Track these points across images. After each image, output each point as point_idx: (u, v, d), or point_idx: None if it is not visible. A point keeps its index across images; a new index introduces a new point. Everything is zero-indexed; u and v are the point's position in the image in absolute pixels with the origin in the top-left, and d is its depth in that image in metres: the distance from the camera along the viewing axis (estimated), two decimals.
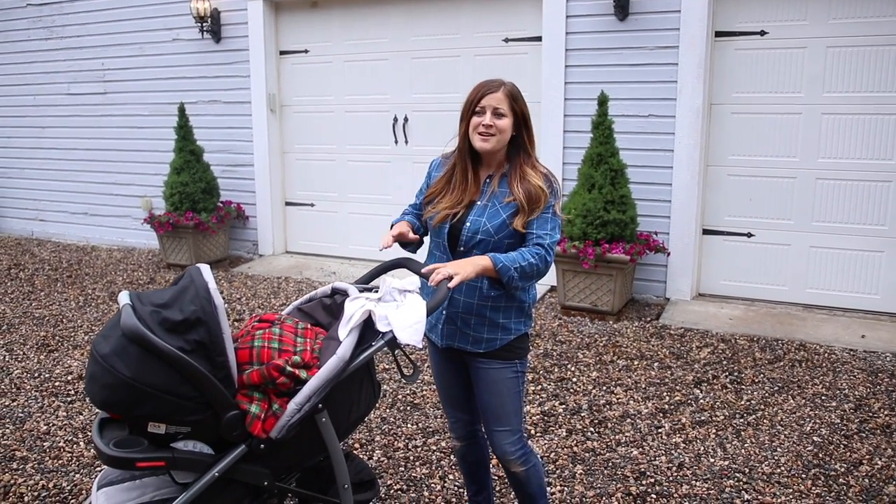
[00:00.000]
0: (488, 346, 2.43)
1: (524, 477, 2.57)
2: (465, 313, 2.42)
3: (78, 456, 3.50)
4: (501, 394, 2.46)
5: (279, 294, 6.17)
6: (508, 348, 2.45)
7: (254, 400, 1.97)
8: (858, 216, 5.34)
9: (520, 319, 2.47)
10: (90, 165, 8.31)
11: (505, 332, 2.44)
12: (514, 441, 2.51)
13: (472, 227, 2.38)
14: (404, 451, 3.53)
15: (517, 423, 2.50)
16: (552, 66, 5.88)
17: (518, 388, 2.49)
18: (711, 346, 4.86)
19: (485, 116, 2.35)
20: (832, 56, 5.23)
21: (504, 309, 2.42)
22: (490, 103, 2.35)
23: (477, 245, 2.37)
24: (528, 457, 2.55)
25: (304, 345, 2.10)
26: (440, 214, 2.44)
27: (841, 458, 3.44)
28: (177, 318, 1.89)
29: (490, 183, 2.44)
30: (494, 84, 2.39)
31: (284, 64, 7.20)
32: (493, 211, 2.38)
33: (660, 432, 3.71)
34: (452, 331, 2.46)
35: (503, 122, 2.37)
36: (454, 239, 2.42)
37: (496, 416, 2.49)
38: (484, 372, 2.45)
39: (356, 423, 2.22)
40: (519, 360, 2.48)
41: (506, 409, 2.47)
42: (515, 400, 2.48)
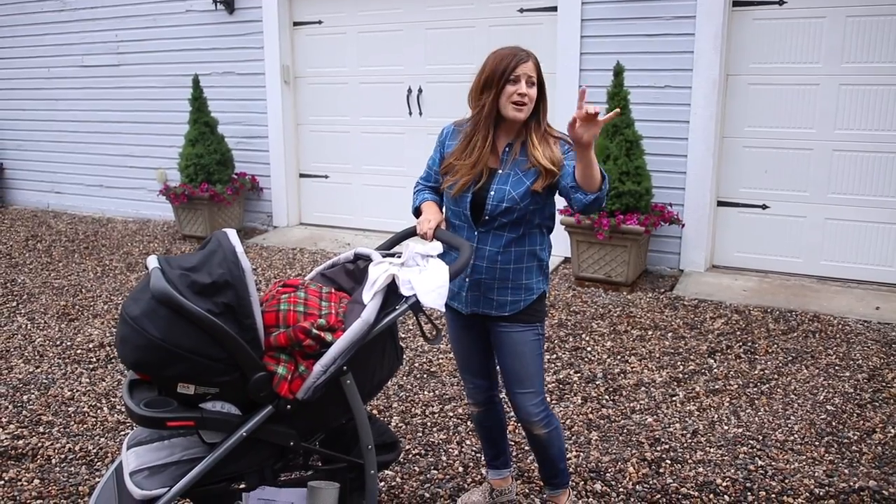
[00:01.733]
0: (513, 307, 2.47)
1: (546, 439, 2.61)
2: (489, 278, 2.45)
3: (102, 420, 3.58)
4: (524, 356, 2.50)
5: (294, 265, 6.21)
6: (530, 310, 2.49)
7: (280, 362, 2.01)
8: (875, 188, 5.32)
9: (540, 278, 2.52)
10: (105, 138, 8.34)
11: (528, 293, 2.48)
12: (538, 403, 2.55)
13: (496, 195, 2.40)
14: (421, 417, 3.59)
15: (539, 385, 2.54)
16: (567, 36, 5.85)
17: (539, 351, 2.53)
18: (725, 316, 4.88)
19: (520, 85, 2.35)
20: (852, 26, 5.17)
21: (526, 269, 2.46)
22: (525, 72, 2.36)
23: (503, 213, 2.40)
24: (551, 419, 2.59)
25: (328, 308, 2.13)
26: (459, 183, 2.45)
27: (854, 427, 3.47)
28: (205, 281, 1.93)
29: (510, 151, 2.45)
30: (524, 53, 2.39)
31: (298, 35, 7.18)
32: (517, 179, 2.40)
33: (674, 400, 3.75)
34: (476, 297, 2.49)
35: (533, 92, 2.38)
36: (478, 208, 2.44)
37: (518, 379, 2.53)
38: (507, 336, 2.49)
39: (380, 385, 2.26)
40: (539, 322, 2.52)
41: (528, 371, 2.51)
42: (537, 362, 2.53)
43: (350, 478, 2.30)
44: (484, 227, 2.44)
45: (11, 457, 3.27)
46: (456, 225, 2.53)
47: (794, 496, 2.92)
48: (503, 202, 2.39)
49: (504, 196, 2.39)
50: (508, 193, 2.38)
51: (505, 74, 2.36)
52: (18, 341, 4.62)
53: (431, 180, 2.68)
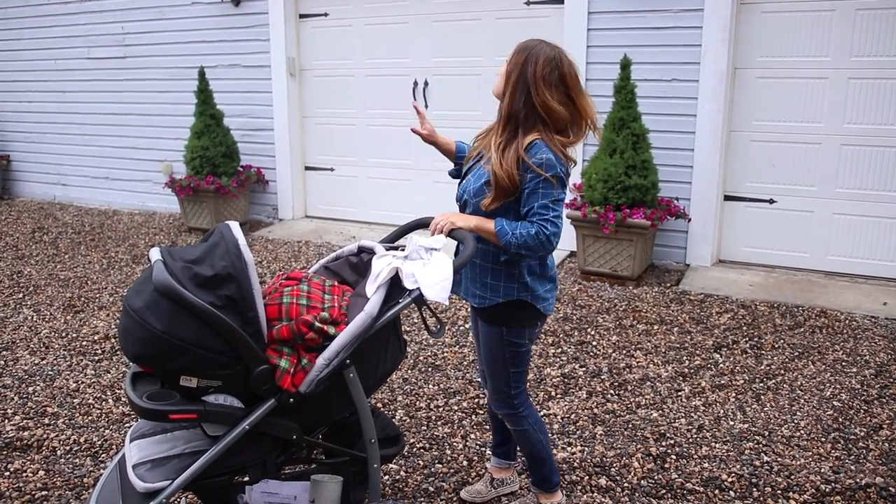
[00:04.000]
0: (480, 302, 2.45)
1: (516, 436, 2.63)
2: (470, 268, 2.46)
3: (107, 412, 3.58)
4: (488, 356, 2.50)
5: (300, 257, 6.21)
6: (497, 313, 2.42)
7: (283, 355, 2.00)
8: (883, 183, 5.27)
9: (511, 285, 2.40)
10: (110, 130, 8.35)
11: (494, 293, 2.42)
12: (498, 399, 2.56)
13: (464, 185, 2.43)
14: (426, 410, 3.58)
15: (504, 385, 2.51)
16: (574, 29, 5.81)
17: (504, 357, 2.46)
18: (731, 311, 4.85)
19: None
20: (861, 19, 5.13)
21: (492, 270, 2.41)
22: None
23: (465, 206, 2.41)
24: (518, 420, 2.57)
25: (331, 301, 2.13)
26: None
27: (861, 423, 3.45)
28: (208, 274, 1.92)
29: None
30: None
31: (304, 27, 7.16)
32: (479, 174, 2.40)
33: (679, 395, 3.73)
34: (461, 281, 2.51)
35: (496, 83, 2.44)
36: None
37: (486, 374, 2.57)
38: (480, 329, 2.51)
39: (383, 379, 2.25)
40: (507, 328, 2.43)
41: (493, 371, 2.51)
42: (500, 367, 2.48)
43: (353, 471, 2.29)
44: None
45: (17, 448, 3.28)
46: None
47: (801, 492, 2.90)
48: (464, 195, 2.42)
49: (467, 187, 2.41)
50: (469, 186, 2.40)
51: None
52: (24, 333, 4.63)
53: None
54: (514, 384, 2.51)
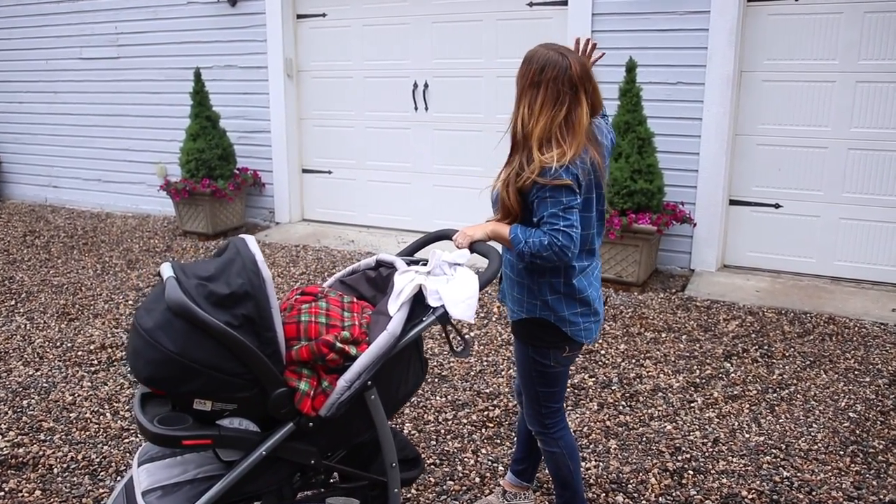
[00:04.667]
0: (510, 315, 2.43)
1: (546, 456, 2.56)
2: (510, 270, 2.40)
3: (105, 427, 3.47)
4: (519, 368, 2.46)
5: (298, 263, 6.11)
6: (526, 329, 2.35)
7: (303, 377, 1.91)
8: (891, 188, 5.22)
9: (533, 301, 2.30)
10: (104, 131, 8.21)
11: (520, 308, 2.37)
12: (531, 416, 2.50)
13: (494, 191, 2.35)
14: (434, 424, 3.49)
15: (534, 403, 2.46)
16: (578, 31, 5.73)
17: (532, 374, 2.40)
18: (739, 318, 4.79)
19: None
20: (869, 22, 5.07)
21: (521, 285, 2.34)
22: None
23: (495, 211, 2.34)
24: (548, 441, 2.50)
25: (351, 319, 2.03)
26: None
27: (878, 435, 3.39)
28: (223, 292, 1.82)
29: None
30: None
31: (302, 28, 7.05)
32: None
33: (692, 407, 3.66)
34: (501, 288, 2.48)
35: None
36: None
37: (521, 391, 2.52)
38: (515, 340, 2.45)
39: (404, 400, 2.16)
40: (533, 347, 2.35)
41: (524, 385, 2.48)
42: (529, 384, 2.43)
43: (372, 495, 2.20)
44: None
45: (12, 466, 3.16)
46: None
47: None
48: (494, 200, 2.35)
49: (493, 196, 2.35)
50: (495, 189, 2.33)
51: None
52: (17, 342, 4.51)
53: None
54: (545, 403, 2.44)
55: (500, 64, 6.23)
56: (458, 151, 6.48)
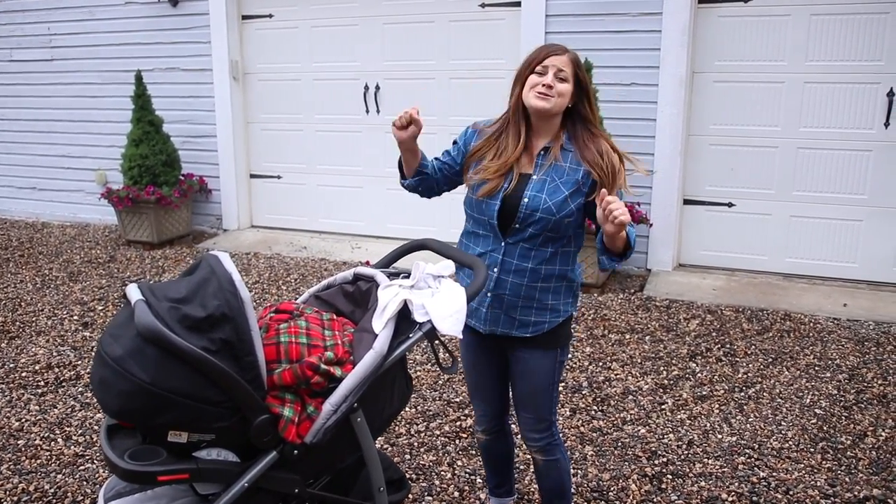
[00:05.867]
0: (536, 329, 2.28)
1: (543, 468, 2.46)
2: (513, 296, 2.26)
3: (57, 454, 3.27)
4: (537, 384, 2.34)
5: (250, 271, 5.92)
6: (555, 334, 2.31)
7: (286, 402, 1.79)
8: (839, 186, 5.34)
9: (568, 300, 2.33)
10: (38, 137, 7.85)
11: (554, 314, 2.29)
12: (541, 429, 2.39)
13: (531, 203, 2.19)
14: (407, 437, 3.39)
15: (547, 412, 2.38)
16: (531, 32, 5.70)
17: (556, 379, 2.36)
18: (699, 317, 4.82)
19: (546, 76, 2.17)
20: (816, 24, 5.17)
21: (554, 289, 2.28)
22: (555, 64, 2.18)
23: (535, 224, 2.20)
24: (553, 449, 2.43)
25: (333, 338, 1.92)
26: (489, 185, 2.23)
27: (845, 431, 3.43)
28: (199, 315, 1.70)
29: (547, 155, 2.25)
30: (560, 47, 2.22)
31: (247, 29, 6.86)
32: (553, 187, 2.19)
33: (663, 409, 3.65)
34: (497, 315, 2.29)
35: (564, 87, 2.18)
36: (506, 217, 2.23)
37: (525, 404, 2.38)
38: (524, 361, 2.32)
39: (389, 420, 2.06)
40: (561, 347, 2.35)
41: (538, 399, 2.36)
42: (551, 390, 2.37)
43: None
44: (512, 238, 2.24)
45: None
46: (479, 234, 2.31)
47: None
48: (537, 211, 2.18)
49: (539, 205, 2.18)
50: (544, 202, 2.18)
51: (531, 66, 2.20)
52: None
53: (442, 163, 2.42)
54: (556, 405, 2.40)
55: (452, 65, 6.17)
56: None
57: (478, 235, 2.32)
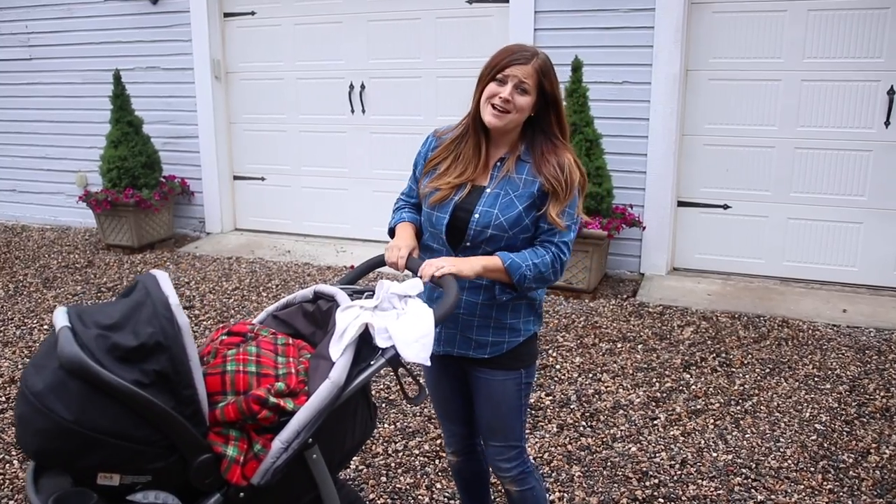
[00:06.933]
0: (494, 350, 2.11)
1: (518, 499, 2.28)
2: (468, 314, 2.09)
3: (11, 478, 3.08)
4: (501, 407, 2.16)
5: (231, 276, 5.73)
6: (515, 354, 2.14)
7: (230, 440, 1.61)
8: (837, 187, 5.18)
9: (529, 318, 2.16)
10: (17, 138, 7.64)
11: (513, 334, 2.12)
12: (512, 457, 2.22)
13: (481, 219, 2.02)
14: (384, 456, 3.21)
15: (515, 437, 2.21)
16: (520, 29, 5.52)
17: (521, 402, 2.19)
18: (694, 324, 4.65)
19: (505, 88, 1.99)
20: (813, 20, 5.00)
21: (513, 307, 2.10)
22: (516, 73, 1.99)
23: (487, 241, 2.03)
24: (526, 477, 2.25)
25: (287, 366, 1.74)
26: (440, 193, 2.06)
27: (847, 448, 3.26)
28: (130, 345, 1.51)
29: (501, 166, 2.08)
30: (526, 54, 2.02)
31: (229, 27, 6.66)
32: (507, 201, 2.03)
33: (656, 424, 3.47)
34: (452, 335, 2.13)
35: (524, 101, 2.00)
36: (458, 232, 2.06)
37: (491, 430, 2.21)
38: (485, 383, 2.14)
39: (351, 453, 1.88)
40: (525, 368, 2.17)
41: (504, 423, 2.18)
42: (517, 414, 2.19)
43: None
44: (463, 254, 2.07)
45: None
46: (434, 249, 2.15)
47: None
48: (488, 228, 2.02)
49: (490, 221, 2.02)
50: (496, 218, 2.01)
51: (493, 71, 2.01)
52: None
53: (414, 196, 2.29)
54: (523, 431, 2.22)
55: (440, 64, 5.98)
56: (397, 156, 6.18)
57: (432, 249, 2.16)
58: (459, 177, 2.05)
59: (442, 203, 2.06)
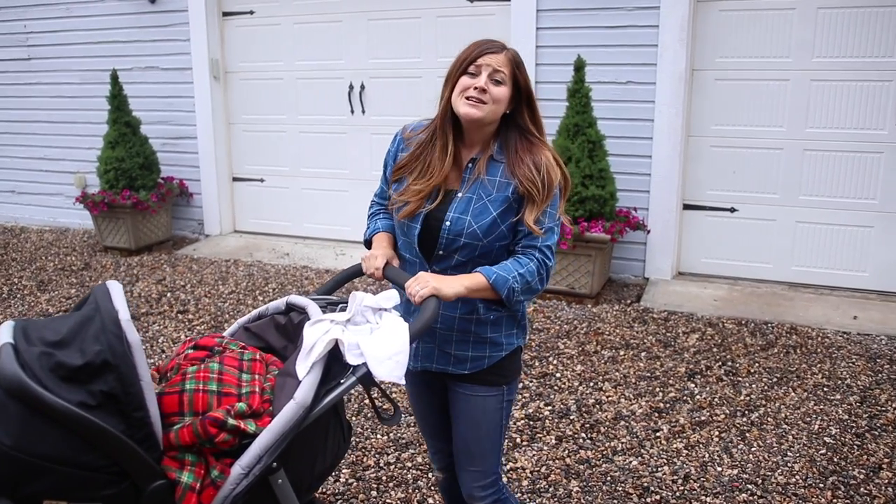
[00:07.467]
0: (475, 365, 1.99)
1: None
2: (446, 329, 1.97)
3: None
4: (480, 428, 2.03)
5: (227, 280, 5.63)
6: (497, 369, 2.01)
7: (185, 465, 1.49)
8: (847, 189, 5.03)
9: (512, 331, 2.03)
10: (16, 139, 7.57)
11: (495, 349, 1.99)
12: (485, 485, 2.09)
13: (453, 227, 1.89)
14: (375, 469, 3.09)
15: (492, 464, 2.08)
16: (522, 28, 5.40)
17: (501, 422, 2.06)
18: (699, 331, 4.52)
19: (479, 78, 1.87)
20: (822, 18, 4.85)
21: (493, 321, 1.97)
22: (489, 62, 1.87)
23: (460, 250, 1.90)
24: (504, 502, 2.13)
25: (251, 384, 1.62)
26: (410, 207, 1.94)
27: (857, 463, 3.12)
28: (75, 363, 1.40)
29: (473, 168, 1.95)
30: (497, 44, 1.92)
31: (228, 26, 6.57)
32: (480, 206, 1.90)
33: (658, 436, 3.34)
34: (430, 350, 2.00)
35: (500, 91, 1.88)
36: (430, 240, 1.93)
37: (469, 453, 2.07)
38: (464, 400, 2.01)
39: (322, 476, 1.77)
40: (507, 384, 2.04)
41: (482, 446, 2.05)
42: (495, 436, 2.06)
43: None
44: (438, 264, 1.94)
45: None
46: (407, 259, 2.03)
47: None
48: (461, 236, 1.89)
49: (462, 228, 1.89)
50: (468, 225, 1.88)
51: (463, 65, 1.90)
52: None
53: (386, 197, 2.17)
54: (501, 451, 2.09)
55: (440, 63, 5.85)
56: None
57: (407, 260, 2.03)
58: (428, 182, 1.92)
59: (412, 216, 1.94)
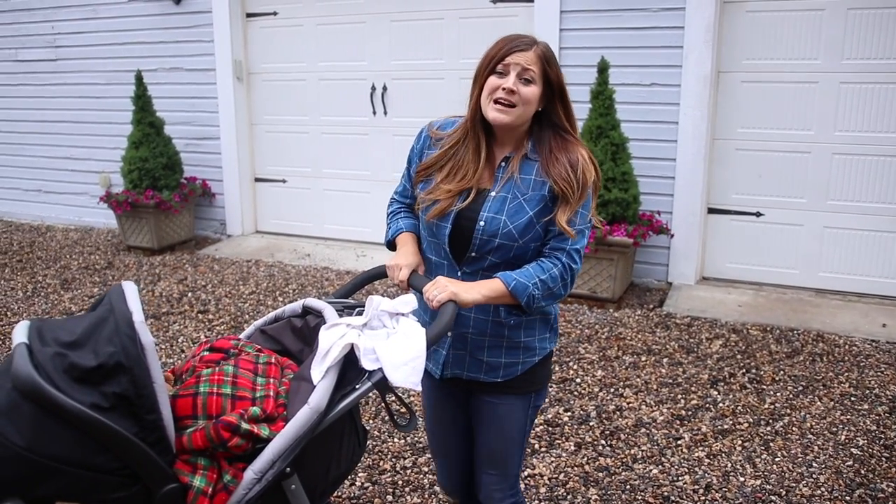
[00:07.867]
0: (507, 373, 1.94)
1: None
2: (478, 334, 1.92)
3: None
4: (505, 436, 1.99)
5: (248, 280, 5.65)
6: (530, 376, 1.97)
7: (198, 469, 1.48)
8: (878, 194, 4.92)
9: (545, 335, 1.99)
10: (43, 139, 7.66)
11: (528, 354, 1.95)
12: (504, 488, 2.06)
13: (488, 227, 1.84)
14: (391, 473, 3.07)
15: (513, 469, 2.05)
16: (545, 29, 5.35)
17: (526, 428, 2.03)
18: (723, 337, 4.45)
19: (507, 79, 1.80)
20: (853, 19, 4.76)
21: (526, 324, 1.93)
22: (518, 61, 1.81)
23: (494, 251, 1.84)
24: None
25: (266, 388, 1.61)
26: (440, 205, 1.88)
27: (885, 475, 3.05)
28: (89, 365, 1.39)
29: (507, 167, 1.90)
30: (525, 40, 1.84)
31: (251, 27, 6.59)
32: (516, 206, 1.84)
33: (679, 445, 3.28)
34: (460, 356, 1.95)
35: (530, 91, 1.81)
36: (461, 242, 1.88)
37: (490, 459, 2.04)
38: (492, 409, 1.97)
39: (337, 482, 1.74)
40: (536, 392, 2.00)
41: (506, 453, 2.01)
42: (520, 443, 2.03)
43: None
44: (469, 266, 1.89)
45: None
46: (433, 262, 1.97)
47: None
48: (496, 237, 1.83)
49: (498, 228, 1.83)
50: (503, 225, 1.82)
51: (491, 64, 1.83)
52: None
53: (408, 196, 2.12)
54: (522, 461, 2.06)
55: (462, 65, 5.84)
56: None
57: (433, 263, 1.97)
58: (460, 183, 1.88)
59: (443, 215, 1.89)
